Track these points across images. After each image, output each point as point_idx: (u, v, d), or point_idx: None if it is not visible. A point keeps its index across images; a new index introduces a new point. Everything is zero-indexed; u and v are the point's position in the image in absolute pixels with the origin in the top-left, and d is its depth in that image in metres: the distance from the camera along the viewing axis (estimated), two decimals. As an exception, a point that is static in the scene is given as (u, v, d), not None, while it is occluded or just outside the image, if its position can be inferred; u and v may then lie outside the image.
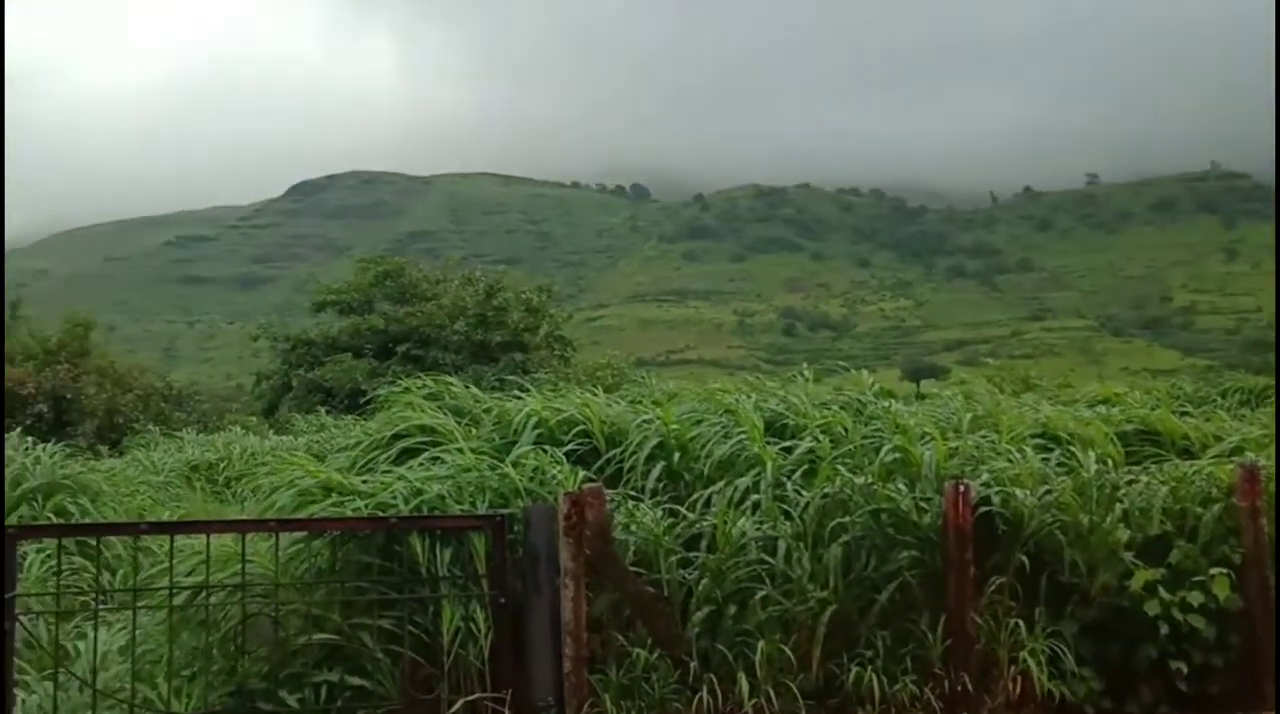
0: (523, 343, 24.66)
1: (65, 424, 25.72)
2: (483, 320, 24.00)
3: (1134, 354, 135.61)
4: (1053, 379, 30.46)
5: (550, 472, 6.95)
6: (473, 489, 6.67)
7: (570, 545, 6.04)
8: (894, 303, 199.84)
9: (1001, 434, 9.07)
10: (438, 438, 7.57)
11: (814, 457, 8.06)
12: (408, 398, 8.17)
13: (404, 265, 26.97)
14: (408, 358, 23.02)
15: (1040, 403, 11.43)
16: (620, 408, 8.24)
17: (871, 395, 9.72)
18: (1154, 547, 7.71)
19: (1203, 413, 11.46)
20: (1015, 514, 7.52)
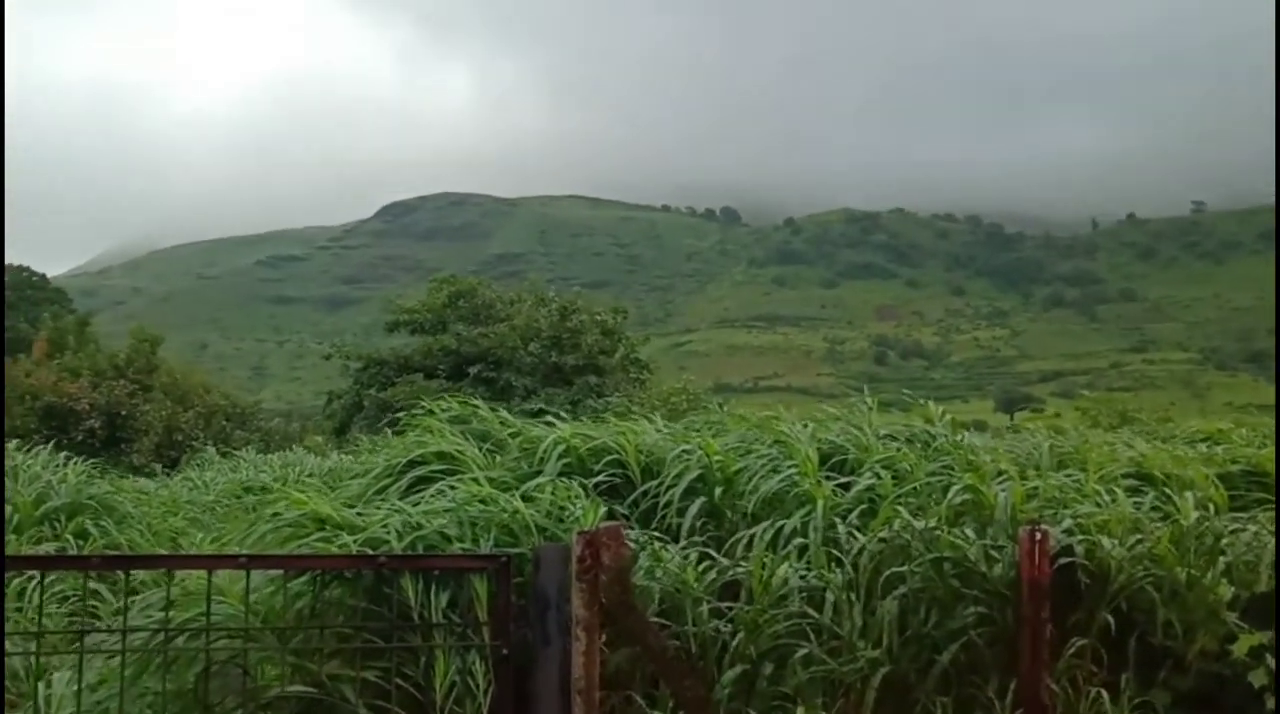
0: (598, 366, 24.17)
1: (119, 441, 25.64)
2: (557, 342, 23.61)
3: (1239, 389, 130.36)
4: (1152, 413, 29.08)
5: (573, 506, 6.25)
6: (478, 525, 6.02)
7: (583, 592, 5.26)
8: (989, 332, 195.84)
9: (1089, 473, 8.16)
10: (456, 466, 6.95)
11: (874, 496, 7.27)
12: (428, 421, 7.52)
13: (477, 285, 26.65)
14: (480, 380, 22.66)
15: (1135, 439, 10.41)
16: (660, 435, 7.51)
17: (943, 427, 8.86)
18: (1261, 606, 6.77)
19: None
20: (1101, 566, 6.63)
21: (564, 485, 6.52)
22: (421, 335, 25.12)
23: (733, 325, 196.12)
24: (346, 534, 5.91)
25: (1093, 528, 6.83)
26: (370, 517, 6.09)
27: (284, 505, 6.22)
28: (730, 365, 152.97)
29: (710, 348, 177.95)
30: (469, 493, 6.19)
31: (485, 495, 6.20)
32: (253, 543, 6.10)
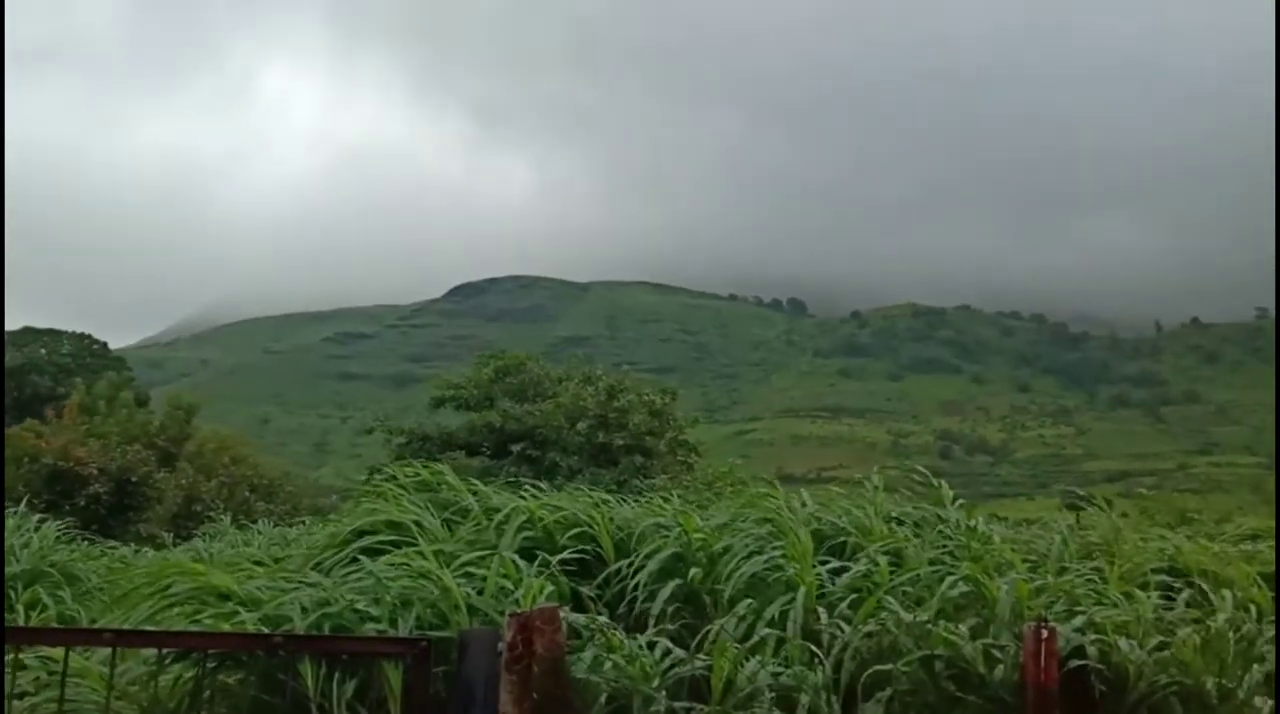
0: (645, 447, 23.34)
1: (128, 509, 24.30)
2: (604, 422, 22.84)
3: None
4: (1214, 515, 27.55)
5: (524, 585, 5.42)
6: (403, 604, 5.18)
7: (513, 684, 4.39)
8: (1054, 430, 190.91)
9: (1114, 568, 7.21)
10: (409, 537, 6.14)
11: (870, 583, 6.41)
12: (386, 489, 6.76)
13: (524, 361, 26.03)
14: (523, 458, 21.88)
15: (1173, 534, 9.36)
16: (638, 510, 6.71)
17: (955, 511, 7.94)
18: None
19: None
20: (1118, 671, 5.70)
21: (511, 561, 5.70)
22: (467, 411, 24.45)
23: (797, 415, 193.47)
24: (246, 610, 5.13)
25: (1110, 628, 5.91)
26: (277, 591, 5.31)
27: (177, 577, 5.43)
28: (794, 455, 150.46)
29: (774, 437, 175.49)
30: (393, 566, 5.38)
31: (418, 570, 5.37)
32: (142, 620, 5.30)
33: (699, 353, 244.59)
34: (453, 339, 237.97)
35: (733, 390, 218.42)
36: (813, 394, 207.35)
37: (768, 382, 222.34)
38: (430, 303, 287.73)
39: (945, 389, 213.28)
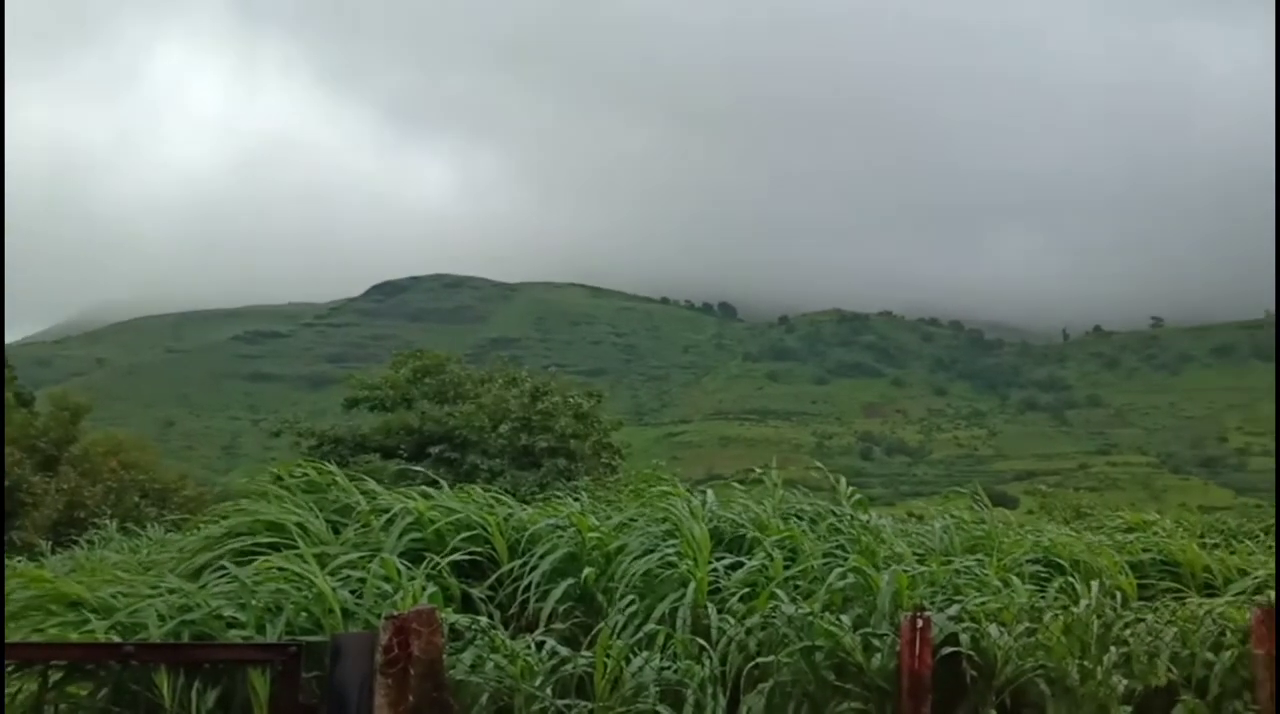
0: (569, 450, 22.93)
1: None
2: (527, 424, 22.34)
3: (1191, 491, 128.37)
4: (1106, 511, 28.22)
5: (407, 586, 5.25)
6: (274, 608, 4.92)
7: (389, 688, 4.20)
8: (968, 432, 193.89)
9: (992, 559, 7.38)
10: (289, 539, 5.90)
11: (765, 577, 6.47)
12: (270, 490, 6.51)
13: (445, 361, 25.29)
14: (442, 460, 21.12)
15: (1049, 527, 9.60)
16: (535, 511, 6.66)
17: (850, 507, 8.06)
18: (1157, 701, 5.96)
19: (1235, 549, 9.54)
20: (988, 657, 5.81)
21: (393, 563, 5.52)
22: (383, 413, 23.43)
23: (726, 418, 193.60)
24: (98, 618, 4.80)
25: (983, 616, 6.03)
26: (135, 597, 5.00)
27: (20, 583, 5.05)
28: (722, 457, 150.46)
29: (704, 439, 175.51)
30: (268, 570, 5.16)
31: (292, 573, 5.14)
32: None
33: (630, 355, 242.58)
34: (373, 339, 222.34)
35: (663, 393, 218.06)
36: (741, 397, 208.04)
37: (698, 384, 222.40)
38: (349, 301, 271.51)
39: (867, 392, 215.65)
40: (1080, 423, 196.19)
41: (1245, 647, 5.84)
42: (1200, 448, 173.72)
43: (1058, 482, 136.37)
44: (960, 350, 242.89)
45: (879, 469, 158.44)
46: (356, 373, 26.56)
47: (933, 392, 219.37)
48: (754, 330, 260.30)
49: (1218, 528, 13.57)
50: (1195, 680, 5.90)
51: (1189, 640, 6.06)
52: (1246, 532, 13.49)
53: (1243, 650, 5.84)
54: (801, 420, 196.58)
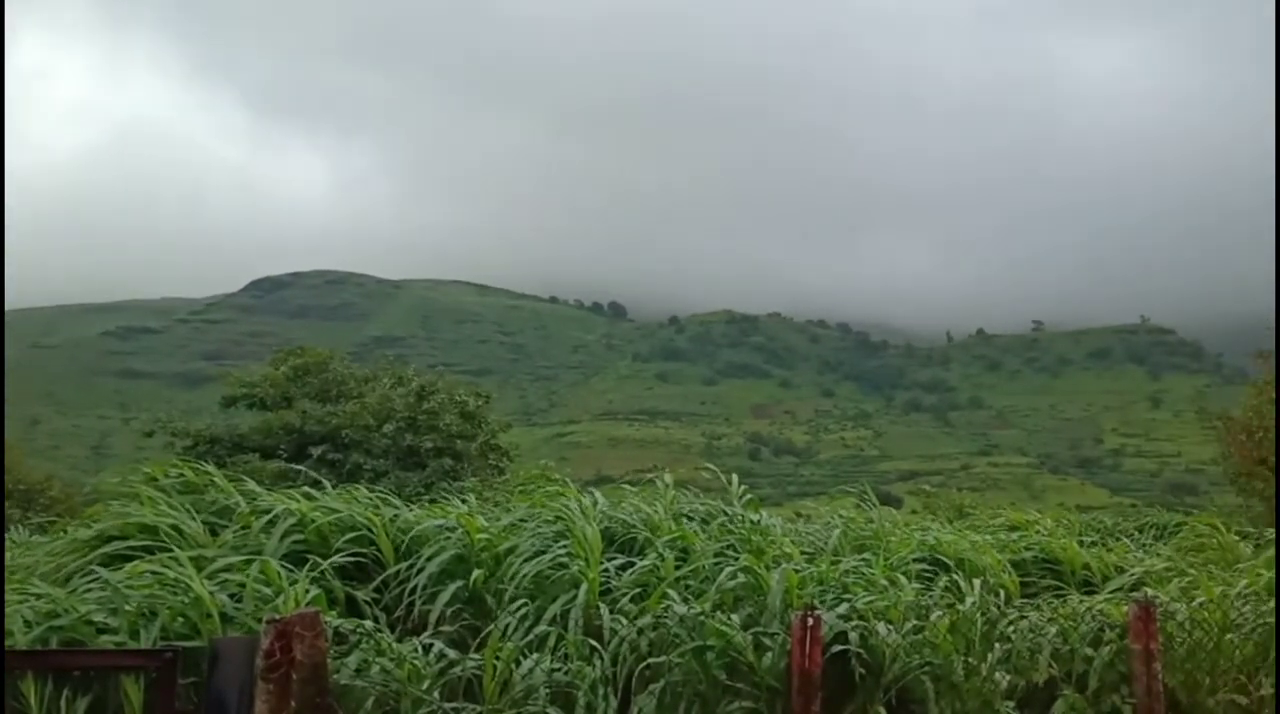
0: (455, 450, 22.63)
1: None
2: (412, 423, 21.96)
3: (1069, 491, 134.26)
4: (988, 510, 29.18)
5: (286, 591, 5.13)
6: (149, 613, 4.76)
7: (270, 694, 4.09)
8: (855, 432, 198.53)
9: (879, 558, 7.54)
10: (163, 542, 5.70)
11: (656, 577, 6.49)
12: (143, 491, 6.26)
13: (327, 359, 24.69)
14: (324, 461, 20.61)
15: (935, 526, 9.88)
16: (422, 512, 6.55)
17: (741, 507, 8.15)
18: (1039, 696, 6.18)
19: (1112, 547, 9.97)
20: (876, 654, 5.94)
21: (273, 566, 5.39)
22: (263, 412, 22.49)
23: (615, 418, 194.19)
24: None
25: (871, 614, 6.16)
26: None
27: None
28: (611, 457, 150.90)
29: (593, 440, 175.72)
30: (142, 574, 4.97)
31: (167, 577, 4.98)
32: None
33: (518, 355, 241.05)
34: (251, 336, 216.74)
35: (552, 393, 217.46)
36: (631, 397, 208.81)
37: (587, 384, 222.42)
38: (227, 297, 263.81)
39: (756, 393, 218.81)
40: (963, 424, 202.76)
41: (1123, 642, 6.09)
42: (1078, 449, 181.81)
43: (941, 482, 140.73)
44: (847, 352, 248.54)
45: (767, 469, 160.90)
46: (234, 371, 25.65)
47: (820, 393, 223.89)
48: (644, 330, 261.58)
49: (1095, 527, 14.22)
50: (1075, 675, 6.13)
51: (1069, 637, 6.29)
52: (1123, 530, 14.18)
53: (1121, 646, 6.09)
54: (691, 421, 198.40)
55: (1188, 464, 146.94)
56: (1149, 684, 5.87)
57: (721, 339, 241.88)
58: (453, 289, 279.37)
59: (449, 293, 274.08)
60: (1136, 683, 5.92)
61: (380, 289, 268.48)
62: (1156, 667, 5.93)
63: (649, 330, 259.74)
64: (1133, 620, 6.01)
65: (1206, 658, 6.26)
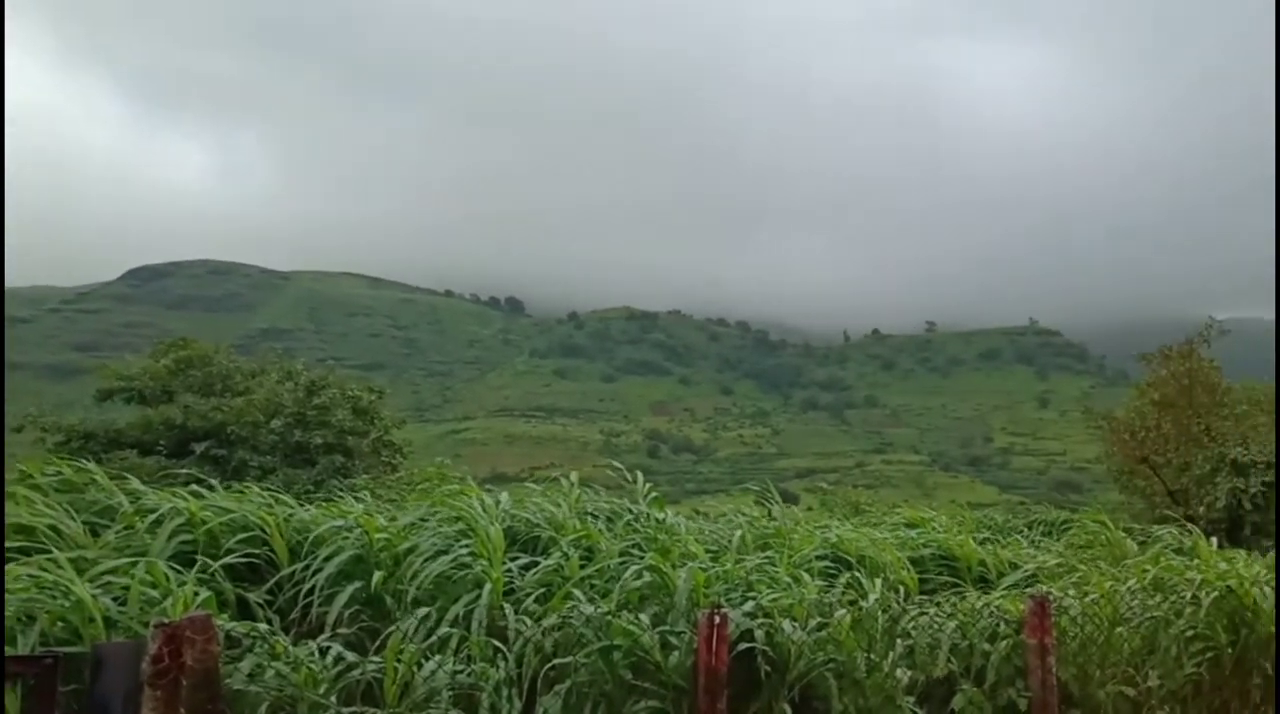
0: (347, 446, 22.17)
1: None
2: (301, 419, 21.42)
3: (959, 488, 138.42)
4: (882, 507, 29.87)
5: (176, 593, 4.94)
6: (25, 618, 4.55)
7: (157, 700, 3.97)
8: (753, 430, 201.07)
9: (782, 556, 7.64)
10: (41, 543, 5.44)
11: (561, 577, 6.46)
12: (16, 489, 5.94)
13: (211, 352, 23.96)
14: (207, 457, 20.01)
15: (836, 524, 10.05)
16: (318, 512, 6.39)
17: (646, 506, 8.17)
18: (939, 690, 6.33)
19: (1004, 543, 10.29)
20: (782, 651, 6.01)
21: (160, 568, 5.18)
22: (141, 406, 21.61)
23: (511, 415, 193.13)
24: None
25: (776, 612, 6.23)
26: None
27: None
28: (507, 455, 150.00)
29: (488, 436, 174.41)
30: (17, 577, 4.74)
31: (45, 580, 4.76)
32: None
33: (411, 349, 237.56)
34: (127, 327, 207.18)
35: (446, 389, 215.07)
36: (528, 394, 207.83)
37: (482, 381, 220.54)
38: (102, 286, 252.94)
39: (655, 391, 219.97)
40: (858, 422, 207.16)
41: (1019, 637, 6.29)
42: (968, 447, 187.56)
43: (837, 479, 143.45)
44: (746, 350, 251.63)
45: (665, 467, 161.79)
46: (110, 363, 24.57)
47: (719, 391, 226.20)
48: (542, 326, 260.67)
49: (987, 524, 14.67)
50: (973, 670, 6.30)
51: (968, 632, 6.46)
52: (1013, 527, 14.65)
53: (1017, 640, 6.29)
54: (589, 418, 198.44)
55: (1072, 462, 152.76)
56: (1043, 677, 6.08)
57: (621, 336, 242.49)
58: (343, 281, 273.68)
59: (339, 285, 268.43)
60: (1032, 676, 6.12)
61: (267, 280, 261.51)
62: (1051, 660, 6.14)
63: (547, 326, 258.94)
64: (1028, 616, 6.21)
65: (1097, 651, 6.50)
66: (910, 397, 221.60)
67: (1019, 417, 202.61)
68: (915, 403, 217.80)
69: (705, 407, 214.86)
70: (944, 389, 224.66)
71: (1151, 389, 24.54)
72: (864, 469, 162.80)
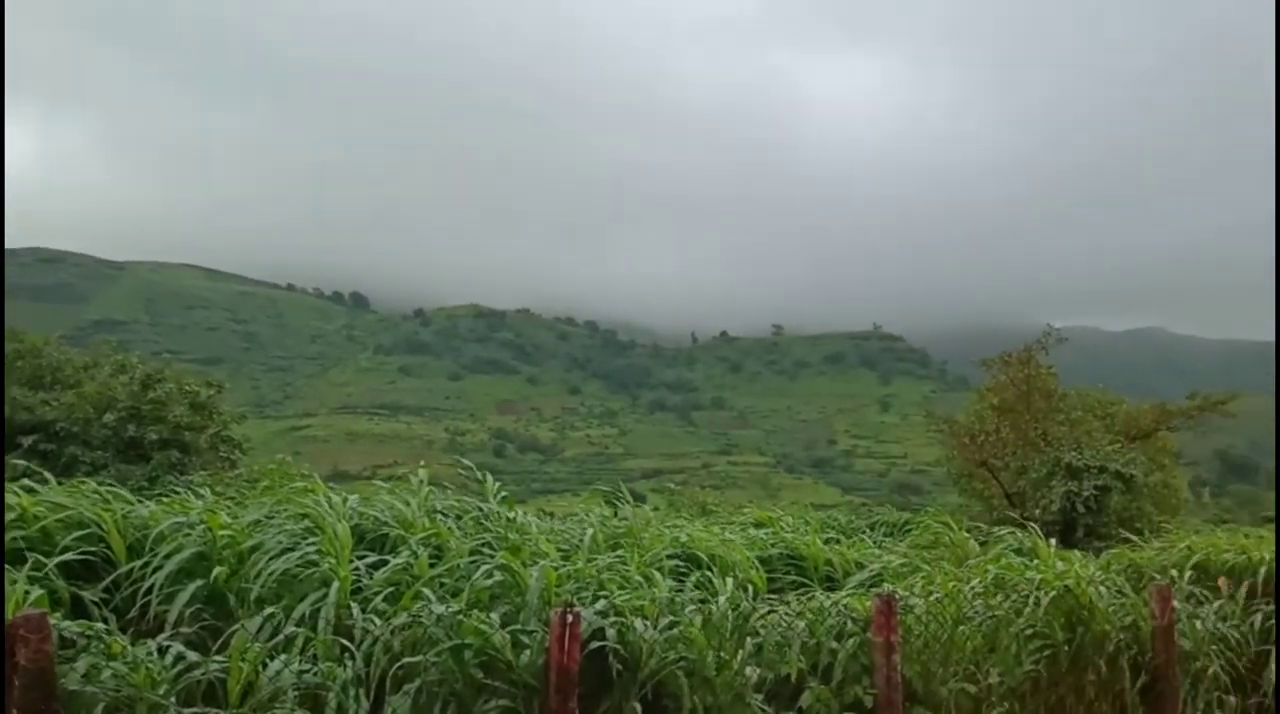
0: (183, 442, 21.42)
1: None
2: (136, 414, 20.61)
3: (803, 490, 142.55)
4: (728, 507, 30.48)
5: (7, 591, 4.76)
6: None
7: None
8: (600, 430, 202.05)
9: (634, 555, 7.71)
10: None
11: (410, 576, 6.37)
12: None
13: (41, 344, 22.88)
14: (35, 452, 19.01)
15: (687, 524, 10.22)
16: (158, 508, 6.16)
17: (497, 504, 8.13)
18: (787, 689, 6.50)
19: (850, 543, 10.65)
20: (634, 650, 6.07)
21: None
22: None
23: (355, 412, 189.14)
24: None
25: (628, 610, 6.30)
26: None
27: None
28: (350, 452, 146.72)
29: (330, 434, 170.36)
30: None
31: None
32: None
33: (251, 344, 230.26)
34: None
35: (287, 385, 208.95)
36: (372, 391, 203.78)
37: (325, 377, 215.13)
38: None
39: (502, 389, 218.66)
40: (705, 423, 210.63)
41: (866, 635, 6.51)
42: (812, 449, 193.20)
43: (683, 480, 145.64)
44: (595, 350, 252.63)
45: (511, 466, 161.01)
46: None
47: (567, 391, 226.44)
48: (387, 322, 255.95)
49: (831, 525, 15.16)
50: (821, 668, 6.49)
51: (816, 630, 6.65)
52: (856, 528, 15.18)
53: (864, 639, 6.51)
54: (434, 416, 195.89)
55: (913, 465, 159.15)
56: (889, 675, 6.31)
57: (468, 334, 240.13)
58: (180, 273, 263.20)
59: (176, 276, 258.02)
60: (878, 674, 6.35)
61: (100, 270, 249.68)
62: (896, 658, 6.38)
63: (392, 322, 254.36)
64: (875, 614, 6.44)
65: (941, 649, 6.78)
66: (757, 399, 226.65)
67: (862, 420, 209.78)
68: (761, 405, 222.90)
69: (553, 406, 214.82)
70: (790, 392, 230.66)
71: (991, 394, 25.76)
72: (710, 470, 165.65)
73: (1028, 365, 25.12)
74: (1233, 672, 7.90)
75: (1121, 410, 26.78)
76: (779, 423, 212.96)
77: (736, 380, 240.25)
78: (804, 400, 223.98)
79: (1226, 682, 7.83)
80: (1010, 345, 26.06)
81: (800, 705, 6.33)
